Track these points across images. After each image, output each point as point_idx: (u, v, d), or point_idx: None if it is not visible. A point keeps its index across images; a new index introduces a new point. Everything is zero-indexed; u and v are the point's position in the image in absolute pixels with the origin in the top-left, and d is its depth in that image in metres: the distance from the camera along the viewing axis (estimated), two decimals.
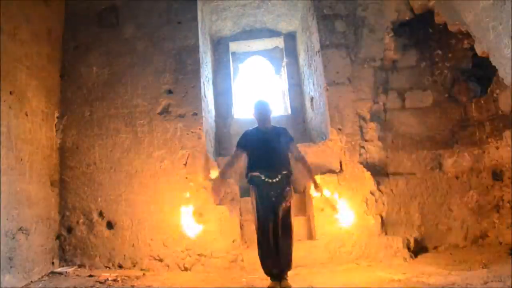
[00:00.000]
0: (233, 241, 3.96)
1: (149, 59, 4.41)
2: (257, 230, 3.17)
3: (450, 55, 4.49)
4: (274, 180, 3.11)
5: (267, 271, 3.10)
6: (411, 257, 3.87)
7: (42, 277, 3.62)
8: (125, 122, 4.29)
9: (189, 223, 4.01)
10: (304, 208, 4.50)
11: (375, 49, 4.39)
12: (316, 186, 3.37)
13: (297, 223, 3.84)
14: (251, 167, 3.22)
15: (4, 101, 3.34)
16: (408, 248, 3.94)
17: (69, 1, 4.60)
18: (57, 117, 4.27)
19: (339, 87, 4.32)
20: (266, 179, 3.11)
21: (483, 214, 4.10)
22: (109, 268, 3.96)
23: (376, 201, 4.07)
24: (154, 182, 4.12)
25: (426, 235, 4.05)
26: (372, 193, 4.08)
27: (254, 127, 3.39)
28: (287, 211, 3.17)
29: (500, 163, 4.05)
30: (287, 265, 3.10)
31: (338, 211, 3.99)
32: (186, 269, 3.89)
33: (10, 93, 3.44)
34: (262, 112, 3.32)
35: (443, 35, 4.40)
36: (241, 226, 4.13)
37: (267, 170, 3.13)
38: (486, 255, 3.60)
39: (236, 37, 6.21)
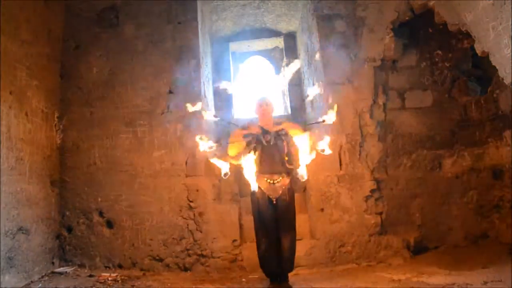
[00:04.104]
0: (233, 241, 3.96)
1: (149, 59, 4.41)
2: (256, 231, 3.16)
3: (450, 55, 4.49)
4: (275, 182, 3.11)
5: (267, 272, 3.09)
6: (411, 257, 3.88)
7: (42, 277, 3.62)
8: (125, 122, 4.29)
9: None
10: (304, 207, 4.50)
11: (375, 49, 4.38)
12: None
13: (297, 223, 3.82)
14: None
15: (4, 101, 3.34)
16: (408, 248, 3.94)
17: (69, 1, 4.59)
18: (57, 117, 4.26)
19: (339, 87, 4.32)
20: (268, 181, 3.12)
21: (483, 214, 4.10)
22: (109, 268, 3.95)
23: (376, 200, 4.08)
24: (154, 182, 4.12)
25: (426, 235, 4.05)
26: (372, 193, 4.09)
27: (257, 124, 3.37)
28: (290, 212, 3.16)
29: (500, 163, 4.04)
30: (289, 266, 3.09)
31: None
32: (186, 269, 3.90)
33: (10, 93, 3.44)
34: (265, 109, 3.31)
35: (443, 35, 4.40)
36: (241, 226, 4.13)
37: (269, 172, 3.13)
38: (486, 255, 3.60)
39: (236, 37, 6.20)
